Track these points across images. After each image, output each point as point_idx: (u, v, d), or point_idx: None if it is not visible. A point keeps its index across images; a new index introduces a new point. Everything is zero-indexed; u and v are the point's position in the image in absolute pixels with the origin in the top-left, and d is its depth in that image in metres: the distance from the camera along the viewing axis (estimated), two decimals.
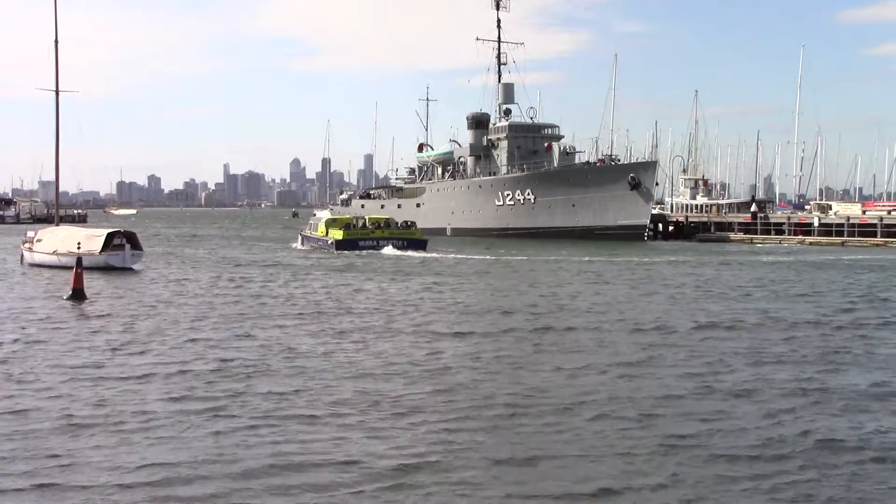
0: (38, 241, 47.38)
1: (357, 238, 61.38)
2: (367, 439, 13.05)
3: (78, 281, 31.08)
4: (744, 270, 45.80)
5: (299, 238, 71.71)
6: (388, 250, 59.15)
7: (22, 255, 48.55)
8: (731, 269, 47.18)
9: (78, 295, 30.57)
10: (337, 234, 62.11)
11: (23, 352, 20.18)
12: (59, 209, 58.82)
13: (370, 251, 59.35)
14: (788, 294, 33.97)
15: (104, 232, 45.56)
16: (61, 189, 56.32)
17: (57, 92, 50.46)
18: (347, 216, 70.60)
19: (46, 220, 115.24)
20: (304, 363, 18.82)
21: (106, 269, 42.32)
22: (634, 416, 14.56)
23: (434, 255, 57.34)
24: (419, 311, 28.07)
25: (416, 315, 26.96)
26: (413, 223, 67.68)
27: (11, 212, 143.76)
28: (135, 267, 44.19)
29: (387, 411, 14.74)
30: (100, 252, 43.01)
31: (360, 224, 63.92)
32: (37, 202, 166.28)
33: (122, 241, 44.71)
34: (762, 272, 44.59)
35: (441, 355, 19.89)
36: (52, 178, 54.84)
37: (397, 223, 65.70)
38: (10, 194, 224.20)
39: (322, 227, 65.30)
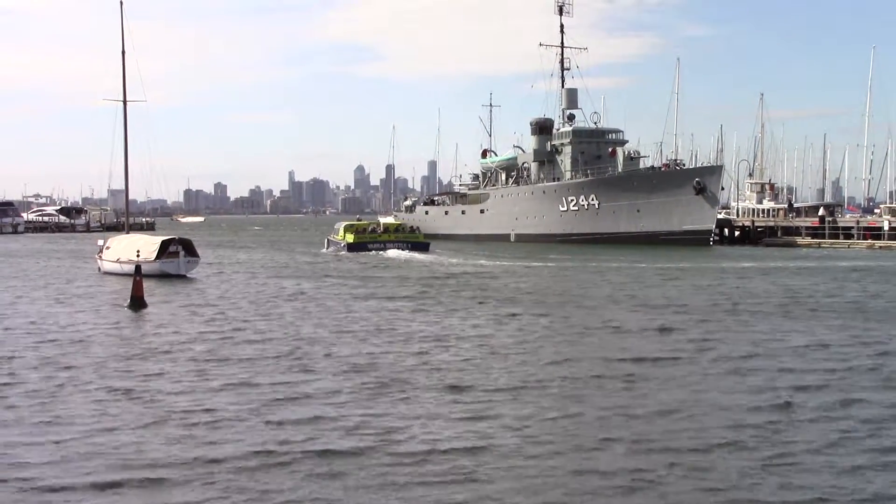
0: (107, 248, 48.07)
1: (366, 241, 68.12)
2: None
3: (137, 289, 31.17)
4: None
5: (326, 241, 76.62)
6: (393, 252, 64.91)
7: (98, 264, 49.27)
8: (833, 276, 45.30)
9: (137, 303, 30.68)
10: (349, 238, 68.73)
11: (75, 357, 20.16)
12: (128, 217, 59.48)
13: (378, 253, 65.02)
14: None
15: (160, 239, 45.98)
16: (130, 197, 56.95)
17: (125, 102, 50.92)
18: (364, 222, 76.33)
19: (115, 228, 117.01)
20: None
21: (162, 276, 42.54)
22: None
23: (436, 257, 61.96)
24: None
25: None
26: (417, 228, 78.36)
27: (82, 220, 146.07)
28: (189, 274, 44.35)
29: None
30: (154, 259, 43.37)
31: (372, 229, 70.81)
32: (106, 211, 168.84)
33: (177, 248, 44.87)
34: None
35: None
36: (120, 186, 55.44)
37: (406, 229, 73.85)
38: (80, 203, 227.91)
39: (341, 232, 71.33)
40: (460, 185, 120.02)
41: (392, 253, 64.57)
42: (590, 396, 16.53)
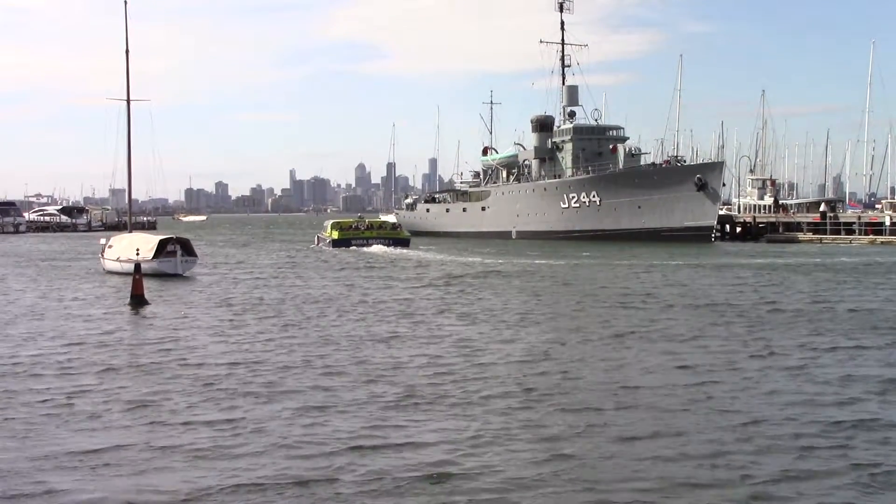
0: (109, 247, 48.14)
1: (350, 238, 71.75)
2: None
3: (137, 287, 31.26)
4: None
5: (315, 238, 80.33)
6: (376, 248, 68.41)
7: (101, 262, 49.26)
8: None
9: (138, 301, 30.75)
10: (334, 234, 72.50)
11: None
12: (131, 216, 59.48)
13: (361, 248, 68.67)
14: None
15: (158, 238, 45.89)
16: (132, 196, 56.93)
17: (128, 101, 50.78)
18: (350, 220, 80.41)
19: (116, 227, 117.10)
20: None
21: (159, 275, 42.36)
22: None
23: (416, 252, 64.79)
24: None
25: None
26: (399, 225, 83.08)
27: (83, 220, 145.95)
28: (186, 273, 44.17)
29: None
30: (152, 258, 43.22)
31: (356, 226, 74.23)
32: (108, 210, 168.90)
33: (174, 247, 44.72)
34: None
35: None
36: (122, 186, 55.49)
37: (389, 226, 78.48)
38: (81, 203, 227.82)
39: (329, 230, 75.03)
40: (461, 182, 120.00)
41: (374, 248, 68.17)
42: (640, 406, 15.42)
